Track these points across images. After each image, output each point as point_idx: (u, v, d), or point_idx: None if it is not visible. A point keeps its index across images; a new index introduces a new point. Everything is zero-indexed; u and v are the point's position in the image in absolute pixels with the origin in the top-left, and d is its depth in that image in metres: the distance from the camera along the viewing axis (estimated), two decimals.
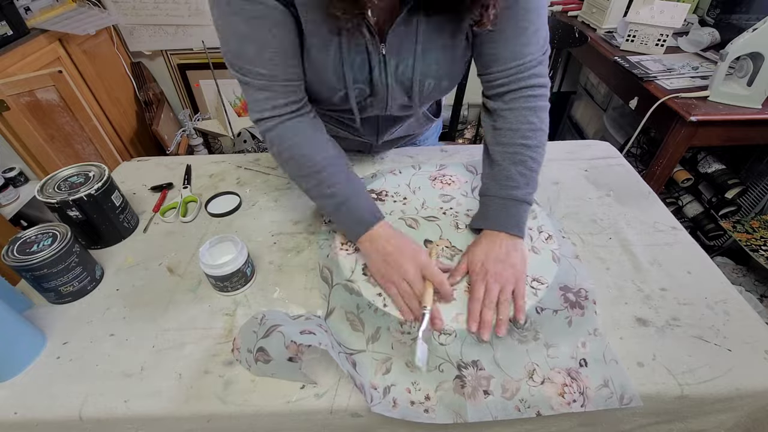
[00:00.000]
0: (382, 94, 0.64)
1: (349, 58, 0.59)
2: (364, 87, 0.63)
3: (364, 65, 0.60)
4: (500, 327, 0.52)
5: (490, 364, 0.50)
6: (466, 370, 0.50)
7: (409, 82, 0.63)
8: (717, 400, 0.49)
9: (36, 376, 0.51)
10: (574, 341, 0.53)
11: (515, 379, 0.49)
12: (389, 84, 0.63)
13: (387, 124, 0.77)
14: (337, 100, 0.64)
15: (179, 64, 2.00)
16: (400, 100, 0.67)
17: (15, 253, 0.54)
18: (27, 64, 1.36)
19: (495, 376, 0.49)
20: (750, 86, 1.12)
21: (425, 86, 0.64)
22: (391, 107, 0.67)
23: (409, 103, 0.68)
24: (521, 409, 0.47)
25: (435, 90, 0.66)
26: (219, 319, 0.57)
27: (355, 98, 0.64)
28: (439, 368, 0.50)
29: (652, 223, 0.71)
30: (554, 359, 0.51)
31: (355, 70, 0.60)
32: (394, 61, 0.61)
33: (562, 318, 0.54)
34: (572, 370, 0.50)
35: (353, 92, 0.62)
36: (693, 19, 1.56)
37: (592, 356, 0.51)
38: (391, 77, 0.62)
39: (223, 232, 0.70)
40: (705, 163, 1.48)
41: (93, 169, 0.67)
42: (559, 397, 0.48)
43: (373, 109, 0.69)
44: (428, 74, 0.63)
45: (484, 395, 0.48)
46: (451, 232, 0.66)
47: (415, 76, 0.62)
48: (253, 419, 0.48)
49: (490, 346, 0.51)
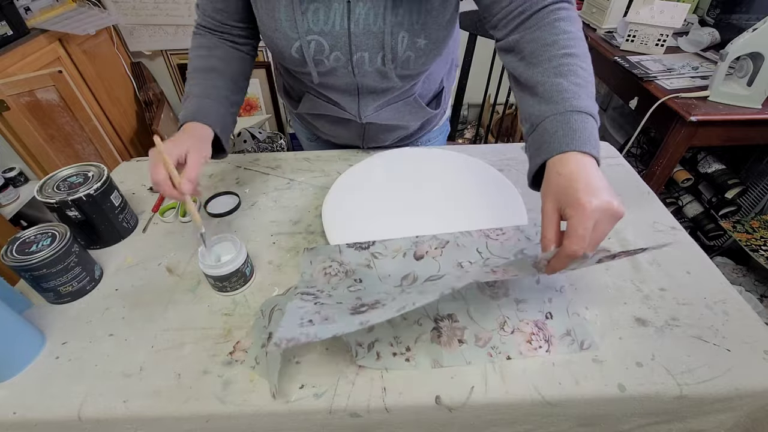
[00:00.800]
0: (345, 50, 0.60)
1: (303, 5, 0.57)
2: (320, 39, 0.59)
3: (319, 11, 0.57)
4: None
5: (464, 317, 0.55)
6: (442, 322, 0.55)
7: (380, 34, 0.59)
8: (716, 400, 0.49)
9: (35, 376, 0.51)
10: (541, 297, 0.58)
11: (487, 330, 0.54)
12: (353, 34, 0.59)
13: (367, 96, 0.72)
14: (294, 53, 0.62)
15: (179, 64, 2.00)
16: (370, 61, 0.62)
17: (14, 253, 0.54)
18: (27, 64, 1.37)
19: (468, 327, 0.54)
20: (750, 86, 1.12)
21: (399, 42, 0.59)
22: (360, 69, 0.64)
23: (383, 66, 0.63)
24: (493, 355, 0.51)
25: (410, 49, 0.61)
26: (218, 319, 0.57)
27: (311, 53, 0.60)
28: (418, 322, 0.55)
29: (652, 223, 0.71)
30: (523, 312, 0.56)
31: (310, 16, 0.57)
32: (362, 8, 0.57)
33: (531, 277, 0.60)
34: (539, 322, 0.55)
35: (307, 44, 0.59)
36: (693, 19, 1.56)
37: (557, 310, 0.56)
38: (356, 26, 0.58)
39: (222, 232, 0.70)
40: (705, 163, 1.48)
41: (92, 169, 0.67)
42: (527, 344, 0.52)
43: (338, 71, 0.65)
44: (402, 27, 0.58)
45: (459, 344, 0.53)
46: None
47: (386, 27, 0.58)
48: (252, 419, 0.48)
49: (464, 301, 0.57)
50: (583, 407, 0.49)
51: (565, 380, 0.49)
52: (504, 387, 0.49)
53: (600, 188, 0.43)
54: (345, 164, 0.86)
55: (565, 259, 0.44)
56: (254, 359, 0.51)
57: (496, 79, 1.45)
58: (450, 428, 0.50)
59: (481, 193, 0.74)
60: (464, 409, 0.48)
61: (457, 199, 0.74)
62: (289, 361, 0.52)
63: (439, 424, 0.50)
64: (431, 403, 0.48)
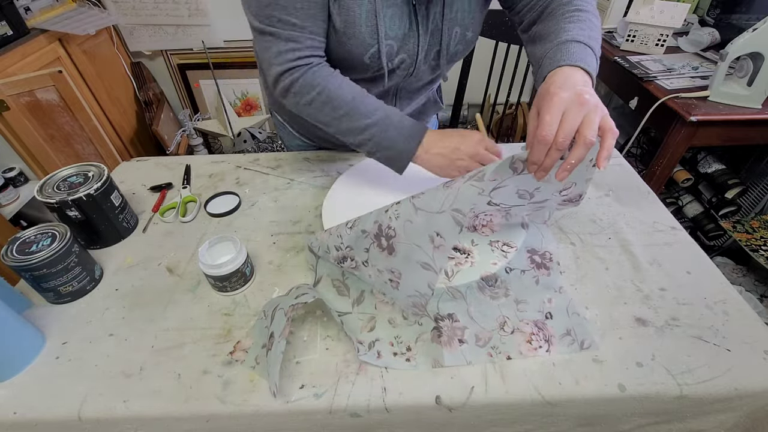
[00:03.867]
0: (413, 51, 0.64)
1: (382, 10, 0.59)
2: (393, 43, 0.62)
3: (395, 17, 0.60)
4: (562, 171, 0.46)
5: (465, 316, 0.55)
6: (442, 321, 0.55)
7: (438, 32, 0.63)
8: (716, 400, 0.49)
9: (35, 376, 0.51)
10: (541, 297, 0.58)
11: (487, 330, 0.54)
12: (420, 36, 0.63)
13: (404, 98, 0.77)
14: (367, 59, 0.63)
15: (179, 64, 2.00)
16: (426, 60, 0.67)
17: (14, 253, 0.54)
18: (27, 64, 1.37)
19: (469, 327, 0.54)
20: (750, 86, 1.12)
21: (453, 36, 0.65)
22: (418, 69, 0.68)
23: (435, 62, 0.68)
24: (493, 355, 0.52)
25: (461, 42, 0.67)
26: (218, 319, 0.57)
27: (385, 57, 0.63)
28: (418, 322, 0.55)
29: (652, 223, 0.71)
30: (523, 312, 0.56)
31: (387, 21, 0.60)
32: (424, 10, 0.61)
33: (529, 277, 0.60)
34: (539, 322, 0.55)
35: (385, 48, 0.61)
36: (693, 19, 1.56)
37: (557, 310, 0.57)
38: (422, 26, 0.62)
39: (222, 232, 0.70)
40: (705, 163, 1.48)
41: (92, 169, 0.67)
42: (527, 344, 0.53)
43: (399, 72, 0.68)
44: (455, 22, 0.64)
45: (459, 343, 0.53)
46: None
47: (444, 24, 0.62)
48: (252, 419, 0.48)
49: (464, 301, 0.57)
50: (583, 407, 0.49)
51: (565, 380, 0.49)
52: (504, 387, 0.49)
53: (575, 84, 0.46)
54: (345, 164, 0.86)
55: (538, 147, 0.46)
56: (254, 359, 0.51)
57: (496, 79, 1.45)
58: (450, 428, 0.50)
59: None
60: (464, 409, 0.48)
61: None
62: (289, 361, 0.52)
63: (439, 424, 0.50)
64: (431, 403, 0.48)
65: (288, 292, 0.57)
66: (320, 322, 0.56)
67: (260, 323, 0.55)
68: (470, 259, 0.61)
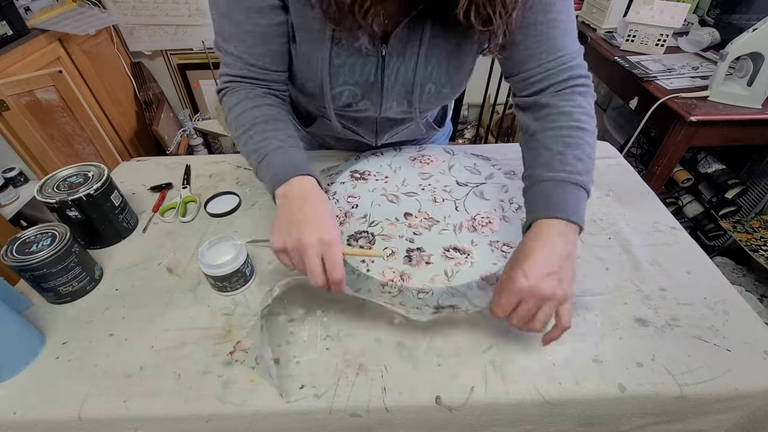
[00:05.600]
0: (376, 98, 0.63)
1: (340, 60, 0.58)
2: (354, 89, 0.62)
3: (356, 66, 0.59)
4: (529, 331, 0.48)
5: (466, 307, 0.55)
6: (443, 309, 0.55)
7: (409, 85, 0.62)
8: (716, 400, 0.49)
9: (35, 376, 0.51)
10: None
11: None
12: (385, 87, 0.62)
13: (385, 126, 0.77)
14: (329, 97, 0.63)
15: (179, 64, 2.00)
16: (397, 105, 0.66)
17: (14, 253, 0.54)
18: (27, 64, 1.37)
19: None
20: (750, 86, 1.12)
21: (425, 91, 0.63)
22: (386, 110, 0.66)
23: (408, 109, 0.66)
24: None
25: (435, 97, 0.65)
26: (218, 319, 0.57)
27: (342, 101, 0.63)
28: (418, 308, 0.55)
29: (652, 223, 0.71)
30: None
31: (346, 71, 0.59)
32: (395, 63, 0.60)
33: None
34: None
35: (339, 94, 0.62)
36: (693, 19, 1.56)
37: None
38: (389, 80, 0.61)
39: (222, 232, 0.70)
40: (705, 163, 1.48)
41: (92, 169, 0.67)
42: None
43: (366, 111, 0.67)
44: (430, 79, 0.62)
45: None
46: (430, 206, 0.72)
47: (416, 80, 0.61)
48: (252, 419, 0.48)
49: (465, 297, 0.57)
50: (583, 407, 0.49)
51: (565, 380, 0.49)
52: (504, 387, 0.49)
53: (544, 268, 0.46)
54: (345, 164, 0.85)
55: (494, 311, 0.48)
56: (254, 359, 0.51)
57: (496, 80, 1.45)
58: (450, 428, 0.50)
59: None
60: (464, 409, 0.48)
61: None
62: (289, 361, 0.52)
63: (439, 424, 0.50)
64: (431, 403, 0.48)
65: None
66: (320, 322, 0.56)
67: (260, 323, 0.55)
68: (470, 259, 0.61)
